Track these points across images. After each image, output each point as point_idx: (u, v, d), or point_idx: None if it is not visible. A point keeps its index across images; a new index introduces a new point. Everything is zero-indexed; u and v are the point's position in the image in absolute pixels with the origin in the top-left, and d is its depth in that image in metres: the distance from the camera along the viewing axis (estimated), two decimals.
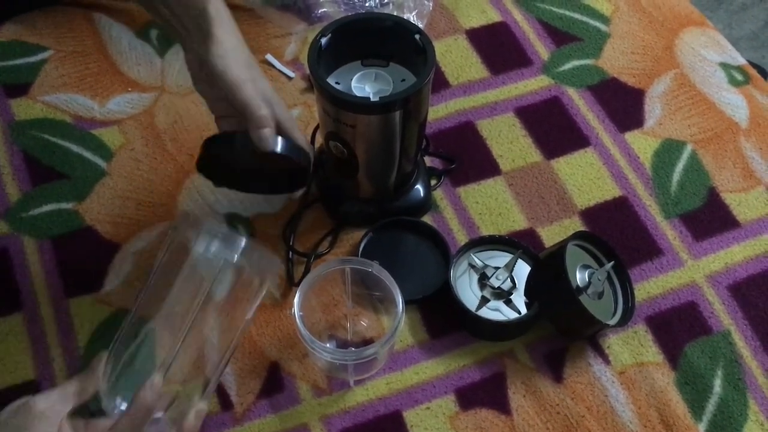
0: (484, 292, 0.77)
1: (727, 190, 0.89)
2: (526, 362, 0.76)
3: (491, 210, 0.86)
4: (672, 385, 0.75)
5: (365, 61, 0.77)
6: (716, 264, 0.83)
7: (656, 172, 0.89)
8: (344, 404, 0.73)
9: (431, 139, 0.90)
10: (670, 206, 0.87)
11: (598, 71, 0.98)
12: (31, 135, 0.89)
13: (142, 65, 0.95)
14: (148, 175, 0.86)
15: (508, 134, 0.92)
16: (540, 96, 0.95)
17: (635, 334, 0.78)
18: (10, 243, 0.81)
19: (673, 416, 0.73)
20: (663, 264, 0.83)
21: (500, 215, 0.85)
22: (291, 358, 0.75)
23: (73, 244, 0.81)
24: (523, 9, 1.03)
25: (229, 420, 0.72)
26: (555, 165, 0.89)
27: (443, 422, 0.72)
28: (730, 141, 0.93)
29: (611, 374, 0.75)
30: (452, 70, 0.97)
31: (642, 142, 0.92)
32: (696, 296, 0.81)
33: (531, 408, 0.73)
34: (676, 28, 1.03)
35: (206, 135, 0.91)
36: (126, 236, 0.82)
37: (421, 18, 0.99)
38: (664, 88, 0.97)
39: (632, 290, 0.77)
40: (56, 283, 0.79)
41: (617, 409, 0.73)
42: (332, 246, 0.82)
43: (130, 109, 0.91)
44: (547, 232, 0.84)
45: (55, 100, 0.92)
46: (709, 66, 0.99)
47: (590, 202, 0.87)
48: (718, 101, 0.96)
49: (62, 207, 0.84)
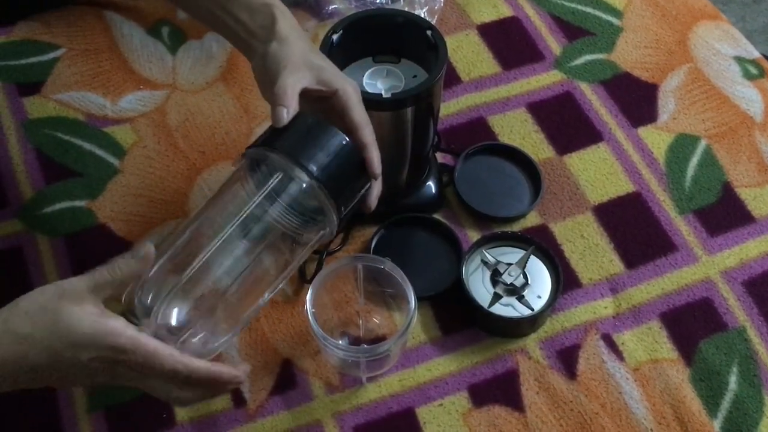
0: (496, 288, 0.77)
1: (742, 185, 0.88)
2: (539, 359, 0.75)
3: None
4: (687, 381, 0.75)
5: (376, 57, 0.76)
6: (731, 260, 0.82)
7: (670, 167, 0.89)
8: (357, 401, 0.73)
9: (443, 135, 0.90)
10: (684, 201, 0.86)
11: (610, 66, 0.97)
12: (44, 133, 0.89)
13: (153, 63, 0.95)
14: (160, 172, 0.87)
15: (520, 130, 0.91)
16: (552, 91, 0.95)
17: (649, 330, 0.77)
18: (24, 241, 0.82)
19: (687, 413, 0.73)
20: (677, 260, 0.82)
21: None
22: (303, 354, 0.75)
23: (86, 242, 0.82)
24: (535, 3, 1.03)
25: (242, 416, 0.72)
26: (567, 160, 0.89)
27: (456, 419, 0.72)
28: (744, 135, 0.92)
29: (625, 371, 0.75)
30: (464, 65, 0.97)
31: (655, 137, 0.91)
32: (711, 292, 0.80)
33: (544, 405, 0.73)
34: (690, 21, 1.02)
35: (218, 132, 0.92)
36: (139, 233, 0.82)
37: (432, 14, 0.99)
38: (677, 83, 0.96)
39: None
40: None
41: (631, 405, 0.73)
42: (344, 243, 0.82)
43: (142, 107, 0.92)
44: (559, 228, 0.84)
45: (68, 98, 0.92)
46: (724, 60, 0.98)
47: (603, 197, 0.86)
48: (732, 95, 0.95)
49: (75, 205, 0.84)
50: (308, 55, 0.64)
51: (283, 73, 0.62)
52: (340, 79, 0.64)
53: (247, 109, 0.92)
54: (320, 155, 0.60)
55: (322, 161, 0.59)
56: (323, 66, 0.64)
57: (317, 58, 0.65)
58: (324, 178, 0.59)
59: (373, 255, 0.75)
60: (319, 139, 0.60)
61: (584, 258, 0.82)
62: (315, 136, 0.60)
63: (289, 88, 0.61)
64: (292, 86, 0.61)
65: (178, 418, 0.72)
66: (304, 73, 0.63)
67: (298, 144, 0.60)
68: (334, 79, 0.64)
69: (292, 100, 0.61)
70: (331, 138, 0.61)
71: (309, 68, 0.63)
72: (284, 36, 0.64)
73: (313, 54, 0.65)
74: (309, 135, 0.60)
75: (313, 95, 0.63)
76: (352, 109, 0.63)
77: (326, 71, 0.64)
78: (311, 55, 0.64)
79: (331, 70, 0.65)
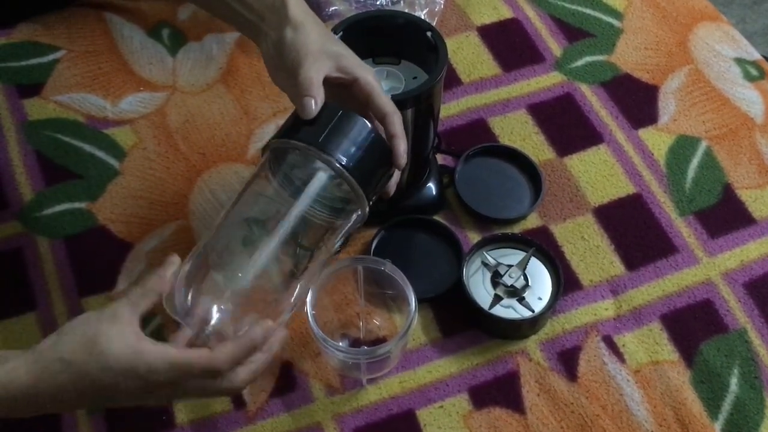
0: (497, 290, 0.77)
1: (743, 187, 0.88)
2: (539, 361, 0.75)
3: None
4: (687, 383, 0.74)
5: (377, 58, 0.76)
6: (732, 261, 0.82)
7: (670, 169, 0.89)
8: (357, 403, 0.73)
9: (443, 136, 0.90)
10: (684, 203, 0.86)
11: (611, 67, 0.97)
12: (44, 135, 0.89)
13: (153, 64, 0.95)
14: (160, 174, 0.87)
15: (521, 131, 0.91)
16: (552, 93, 0.95)
17: (650, 332, 0.77)
18: (24, 243, 0.81)
19: (688, 415, 0.72)
20: (678, 262, 0.82)
21: None
22: (304, 356, 0.75)
23: (86, 244, 0.82)
24: (535, 5, 1.03)
25: (241, 418, 0.72)
26: (568, 162, 0.89)
27: (457, 421, 0.72)
28: (745, 137, 0.92)
29: (626, 373, 0.75)
30: (464, 67, 0.97)
31: (656, 138, 0.91)
32: (711, 294, 0.80)
33: (545, 407, 0.73)
34: (690, 23, 1.02)
35: (218, 134, 0.92)
36: (139, 235, 0.82)
37: (432, 15, 0.99)
38: (678, 84, 0.96)
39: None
40: (69, 282, 0.79)
41: (632, 408, 0.73)
42: (344, 245, 0.82)
43: (142, 109, 0.92)
44: (560, 230, 0.84)
45: (68, 99, 0.92)
46: (724, 61, 0.98)
47: (604, 199, 0.86)
48: (732, 97, 0.95)
49: (75, 207, 0.84)
50: (326, 42, 0.63)
51: (305, 63, 0.61)
52: (360, 67, 0.64)
53: (247, 110, 0.92)
54: (348, 145, 0.59)
55: (351, 151, 0.59)
56: (342, 53, 0.64)
57: (335, 44, 0.64)
58: (354, 168, 0.59)
59: (374, 257, 0.75)
60: (346, 129, 0.60)
61: (585, 259, 0.82)
62: (340, 125, 0.60)
63: (315, 79, 0.60)
64: (316, 76, 0.61)
65: (178, 420, 0.71)
66: (324, 62, 0.62)
67: (327, 134, 0.59)
68: (354, 66, 0.63)
69: (318, 90, 0.60)
70: (359, 127, 0.60)
71: (328, 56, 0.62)
72: (299, 21, 0.62)
73: (331, 40, 0.65)
74: (336, 125, 0.60)
75: (333, 83, 0.63)
76: (378, 97, 0.63)
77: (345, 58, 0.63)
78: (329, 42, 0.64)
79: (351, 58, 0.64)
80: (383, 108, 0.63)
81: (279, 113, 0.91)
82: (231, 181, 0.86)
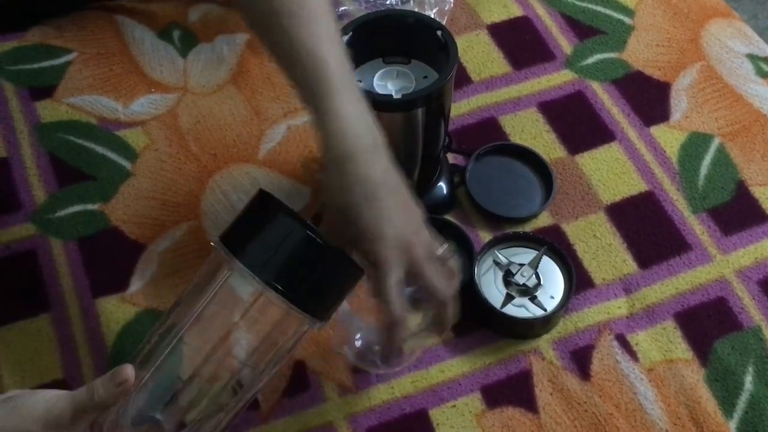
0: (509, 289, 0.77)
1: (756, 184, 0.87)
2: (552, 360, 0.75)
3: None
4: (702, 382, 0.74)
5: (387, 58, 0.76)
6: (746, 259, 0.82)
7: (683, 166, 0.88)
8: (370, 403, 0.73)
9: (454, 135, 0.90)
10: (697, 200, 0.86)
11: (622, 64, 0.97)
12: (57, 137, 0.90)
13: (164, 66, 0.96)
14: (172, 175, 0.87)
15: (532, 130, 0.91)
16: (563, 91, 0.94)
17: (664, 330, 0.77)
18: (38, 244, 0.82)
19: (703, 413, 0.72)
20: (691, 259, 0.81)
21: None
22: (316, 356, 0.75)
23: (99, 245, 0.82)
24: (546, 3, 1.02)
25: (254, 418, 0.72)
26: (579, 160, 0.88)
27: (470, 420, 0.72)
28: (758, 133, 0.91)
29: (639, 371, 0.74)
30: (474, 65, 0.96)
31: (668, 135, 0.91)
32: (725, 292, 0.79)
33: (558, 406, 0.73)
34: (702, 19, 1.01)
35: (229, 134, 0.92)
36: (151, 236, 0.82)
37: (442, 14, 0.99)
38: (690, 81, 0.95)
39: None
40: (83, 283, 0.79)
41: (646, 406, 0.72)
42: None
43: (153, 110, 0.92)
44: (571, 228, 0.83)
45: (80, 101, 0.92)
46: (736, 57, 0.98)
47: (616, 197, 0.86)
48: (745, 93, 0.94)
49: (88, 208, 0.85)
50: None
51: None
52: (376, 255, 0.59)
53: (258, 111, 0.92)
54: (285, 261, 0.56)
55: (286, 268, 0.56)
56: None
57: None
58: (286, 287, 0.56)
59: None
60: (289, 246, 0.56)
61: (597, 258, 0.81)
62: (286, 243, 0.56)
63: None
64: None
65: (188, 419, 0.72)
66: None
67: (263, 251, 0.56)
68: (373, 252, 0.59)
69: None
70: (300, 244, 0.57)
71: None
72: (340, 160, 0.59)
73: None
74: (283, 243, 0.56)
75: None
76: (420, 277, 0.60)
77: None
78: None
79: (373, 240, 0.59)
80: (427, 285, 0.61)
81: (289, 113, 0.91)
82: (242, 181, 0.86)
